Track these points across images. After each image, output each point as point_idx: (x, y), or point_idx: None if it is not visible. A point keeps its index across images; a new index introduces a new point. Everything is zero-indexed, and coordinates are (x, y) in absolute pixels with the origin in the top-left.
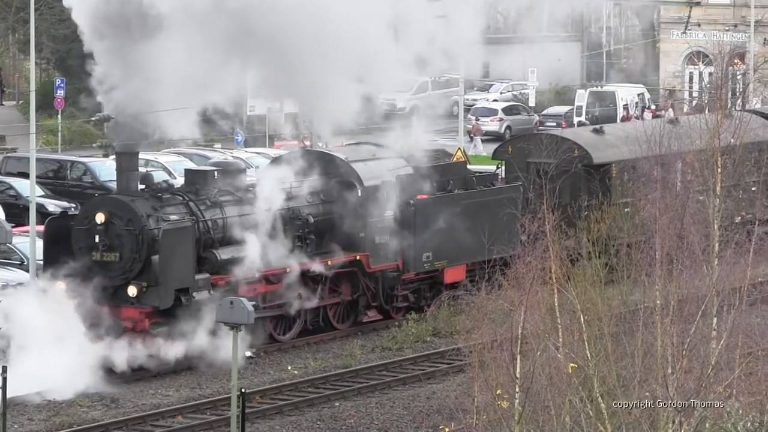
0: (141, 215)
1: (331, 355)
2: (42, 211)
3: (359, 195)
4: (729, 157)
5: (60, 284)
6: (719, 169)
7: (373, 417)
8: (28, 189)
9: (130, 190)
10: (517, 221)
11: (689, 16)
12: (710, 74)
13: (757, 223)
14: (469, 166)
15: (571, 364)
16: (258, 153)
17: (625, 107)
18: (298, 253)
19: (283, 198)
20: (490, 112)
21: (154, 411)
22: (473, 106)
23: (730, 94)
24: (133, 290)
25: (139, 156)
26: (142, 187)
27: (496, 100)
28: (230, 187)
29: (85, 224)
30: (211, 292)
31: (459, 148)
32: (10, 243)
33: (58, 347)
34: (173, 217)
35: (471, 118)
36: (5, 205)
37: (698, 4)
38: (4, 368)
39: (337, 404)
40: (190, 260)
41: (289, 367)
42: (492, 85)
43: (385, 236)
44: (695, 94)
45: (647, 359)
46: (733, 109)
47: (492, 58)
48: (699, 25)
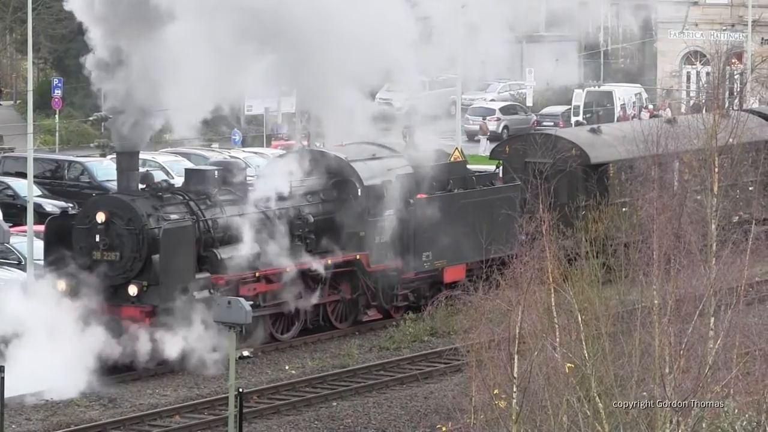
0: (141, 215)
1: (328, 355)
2: (39, 211)
3: (359, 194)
4: (726, 156)
5: (60, 283)
6: (716, 169)
7: (370, 417)
8: (26, 189)
9: (131, 190)
10: (516, 221)
11: (687, 16)
12: (708, 74)
13: (755, 222)
14: (468, 166)
15: (569, 364)
16: (255, 153)
17: (623, 107)
18: (297, 252)
19: (283, 197)
20: (487, 112)
21: (152, 411)
22: (471, 105)
23: (728, 94)
24: (133, 289)
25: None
26: (143, 186)
27: (493, 100)
28: (230, 187)
29: (85, 223)
30: (212, 291)
31: (456, 148)
32: (8, 243)
33: (57, 347)
34: (174, 217)
35: (468, 117)
36: (3, 205)
37: (696, 3)
38: (2, 368)
39: (335, 404)
40: (191, 259)
41: (287, 367)
42: (489, 84)
43: (385, 236)
44: (693, 94)
45: (645, 359)
46: (731, 109)
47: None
48: (696, 25)
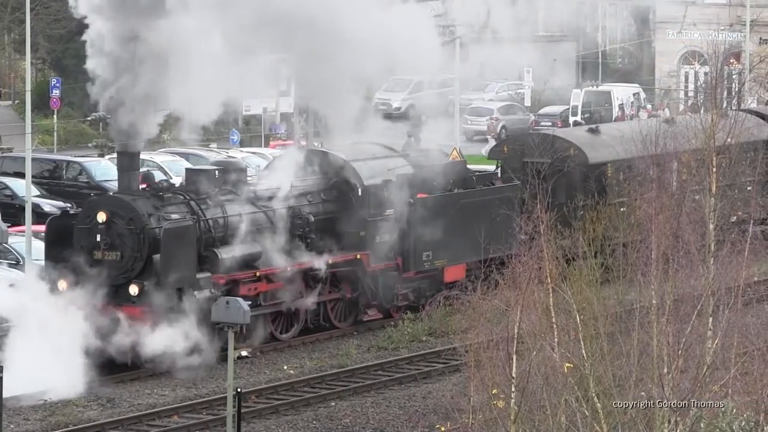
0: (142, 214)
1: (327, 355)
2: (38, 211)
3: (359, 194)
4: (724, 156)
5: (61, 283)
6: (714, 169)
7: (369, 416)
8: (24, 189)
9: (132, 190)
10: (515, 221)
11: (685, 16)
12: (706, 74)
13: (753, 222)
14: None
15: (567, 364)
16: (253, 153)
17: (621, 107)
18: (298, 251)
19: (284, 197)
20: (485, 112)
21: (150, 411)
22: (469, 105)
23: (726, 94)
24: (134, 289)
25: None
26: (144, 186)
27: (491, 100)
28: (231, 186)
29: (86, 223)
30: (212, 290)
31: (455, 148)
32: (6, 243)
33: (56, 346)
34: (174, 216)
35: (466, 117)
36: (1, 205)
37: (694, 3)
38: (0, 368)
39: (333, 404)
40: (192, 259)
41: (285, 367)
42: (488, 84)
43: (385, 235)
44: (691, 94)
45: (643, 359)
46: (729, 109)
47: (488, 57)
48: (695, 25)
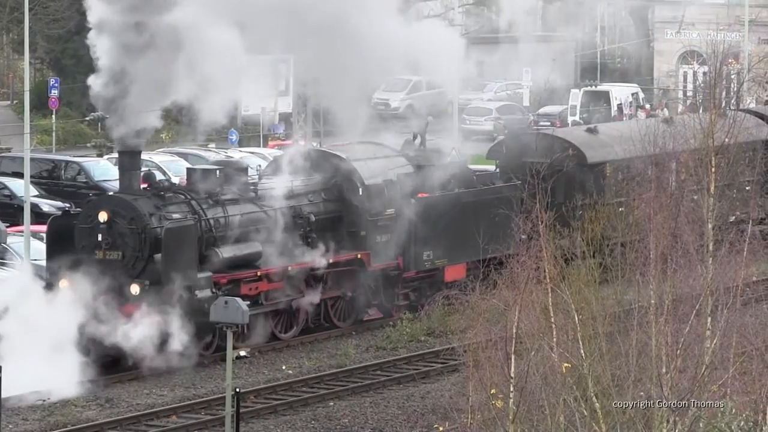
0: (143, 214)
1: (325, 355)
2: (36, 211)
3: (360, 194)
4: (723, 156)
5: (63, 282)
6: (713, 169)
7: (367, 416)
8: (23, 189)
9: (133, 189)
10: (514, 220)
11: (684, 16)
12: (704, 74)
13: (751, 222)
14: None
15: (566, 364)
16: (252, 152)
17: (620, 107)
18: (299, 251)
19: (285, 196)
20: (484, 112)
21: (149, 411)
22: (468, 105)
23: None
24: (135, 289)
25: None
26: (145, 185)
27: (490, 100)
28: (232, 186)
29: (87, 223)
30: (214, 290)
31: (453, 148)
32: (5, 243)
33: (55, 346)
34: (175, 216)
35: (465, 117)
36: (0, 205)
37: (692, 3)
38: None
39: (332, 404)
40: (193, 259)
41: (284, 367)
42: (486, 84)
43: (386, 235)
44: (689, 94)
45: (641, 359)
46: (728, 109)
47: (486, 57)
48: (693, 25)
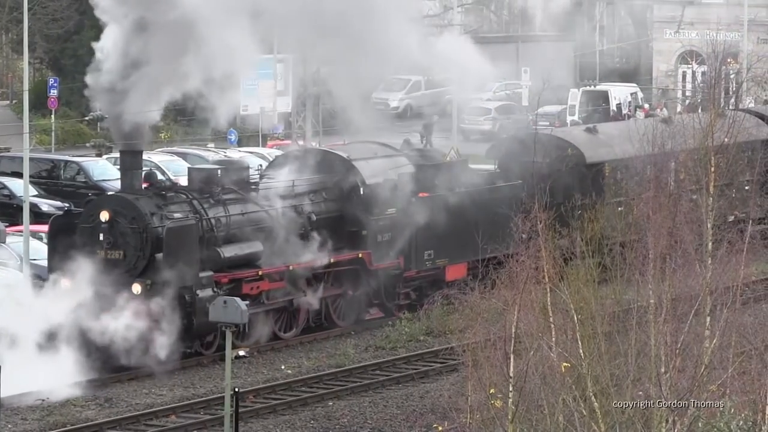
0: (145, 213)
1: (324, 355)
2: (36, 211)
3: (361, 193)
4: (722, 156)
5: (64, 282)
6: (712, 168)
7: (366, 416)
8: (22, 188)
9: (134, 189)
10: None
11: (682, 15)
12: (703, 73)
13: (750, 222)
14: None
15: (565, 364)
16: (251, 152)
17: (618, 106)
18: (300, 251)
19: (286, 196)
20: (483, 112)
21: (148, 410)
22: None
23: (724, 94)
24: (137, 288)
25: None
26: (146, 185)
27: (489, 100)
28: (233, 185)
29: (89, 222)
30: (215, 289)
31: (452, 147)
32: (4, 242)
33: (54, 346)
34: (177, 215)
35: (464, 117)
36: None
37: (691, 3)
38: None
39: (331, 403)
40: (194, 258)
41: (283, 367)
42: (485, 84)
43: (387, 234)
44: (688, 94)
45: (641, 358)
46: (727, 109)
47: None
48: (692, 24)
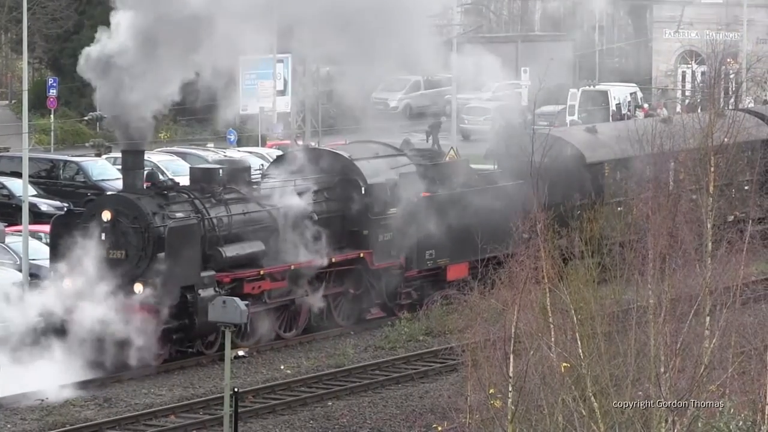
0: (147, 213)
1: (324, 355)
2: (35, 211)
3: (363, 193)
4: (722, 156)
5: (66, 282)
6: (712, 168)
7: (366, 416)
8: (21, 188)
9: (136, 188)
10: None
11: (682, 15)
12: (703, 73)
13: (750, 222)
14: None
15: (564, 364)
16: (250, 152)
17: (618, 106)
18: (302, 250)
19: (288, 196)
20: (482, 112)
21: (147, 410)
22: (466, 105)
23: (723, 94)
24: (139, 287)
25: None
26: (148, 184)
27: (489, 100)
28: (235, 185)
29: (91, 222)
30: (217, 289)
31: (452, 148)
32: (3, 242)
33: (54, 346)
34: (179, 215)
35: (463, 117)
36: None
37: (690, 3)
38: None
39: (330, 403)
40: (196, 258)
41: (282, 367)
42: (484, 84)
43: (389, 234)
44: (688, 93)
45: (640, 358)
46: (726, 108)
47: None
48: (692, 24)
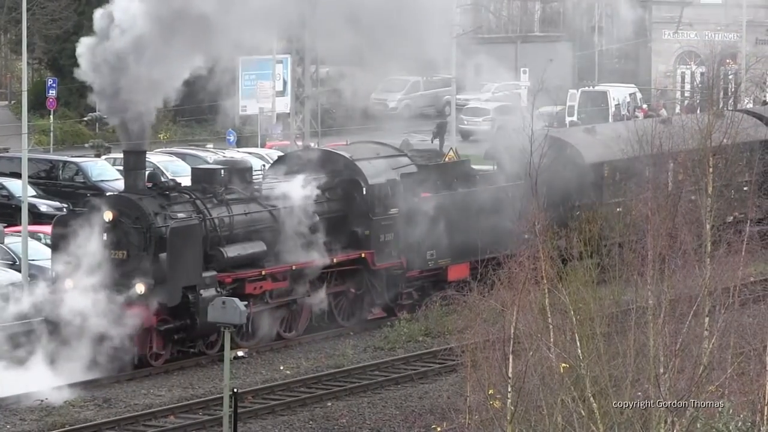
0: (149, 213)
1: (323, 355)
2: (34, 211)
3: (364, 193)
4: (721, 156)
5: (68, 282)
6: (711, 169)
7: (365, 417)
8: (21, 189)
9: (138, 189)
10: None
11: (681, 16)
12: (702, 74)
13: (749, 222)
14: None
15: (563, 364)
16: (250, 153)
17: (617, 107)
18: (303, 250)
19: (289, 196)
20: (482, 112)
21: (147, 411)
22: (465, 105)
23: (722, 94)
24: (141, 288)
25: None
26: (149, 185)
27: (488, 100)
28: (236, 185)
29: (93, 222)
30: (218, 289)
31: (452, 148)
32: (2, 243)
33: (54, 346)
34: (180, 215)
35: (462, 117)
36: None
37: (690, 4)
38: None
39: (330, 404)
40: (198, 258)
41: (282, 367)
42: (484, 84)
43: (390, 234)
44: (687, 94)
45: (639, 359)
46: (725, 109)
47: (484, 57)
48: (691, 25)
